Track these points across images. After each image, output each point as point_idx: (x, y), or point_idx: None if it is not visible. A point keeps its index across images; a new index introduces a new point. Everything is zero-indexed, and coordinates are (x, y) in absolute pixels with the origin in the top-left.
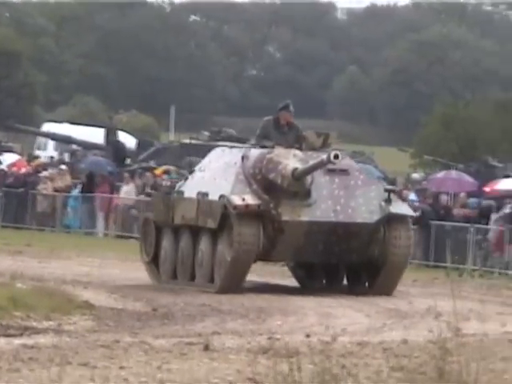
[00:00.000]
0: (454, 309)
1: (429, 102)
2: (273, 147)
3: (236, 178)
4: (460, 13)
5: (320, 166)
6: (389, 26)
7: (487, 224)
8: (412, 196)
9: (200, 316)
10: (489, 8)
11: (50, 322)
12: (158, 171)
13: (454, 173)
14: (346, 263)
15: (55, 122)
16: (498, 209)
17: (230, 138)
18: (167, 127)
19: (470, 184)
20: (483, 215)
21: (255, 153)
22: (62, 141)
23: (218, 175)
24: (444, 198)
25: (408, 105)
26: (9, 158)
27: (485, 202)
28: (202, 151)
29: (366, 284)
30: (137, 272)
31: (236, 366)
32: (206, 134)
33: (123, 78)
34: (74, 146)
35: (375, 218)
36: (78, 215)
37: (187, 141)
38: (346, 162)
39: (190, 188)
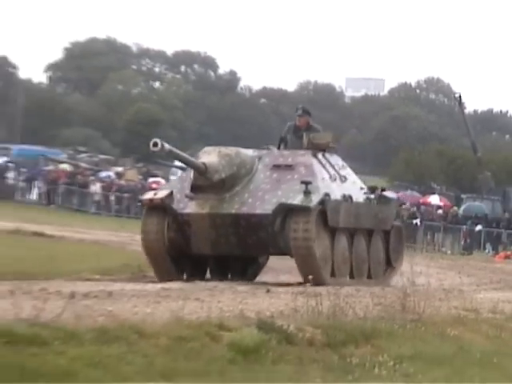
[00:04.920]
0: (411, 270)
1: (396, 152)
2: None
3: (181, 176)
4: (416, 99)
5: (180, 158)
6: (374, 107)
7: None
8: None
9: (263, 273)
10: (433, 96)
11: None
12: None
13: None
14: (264, 255)
15: None
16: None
17: None
18: None
19: (415, 197)
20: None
21: None
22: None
23: None
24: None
25: (385, 152)
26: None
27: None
28: None
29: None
30: None
31: (285, 302)
32: None
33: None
34: None
35: (272, 208)
36: None
37: None
38: (301, 158)
39: None
